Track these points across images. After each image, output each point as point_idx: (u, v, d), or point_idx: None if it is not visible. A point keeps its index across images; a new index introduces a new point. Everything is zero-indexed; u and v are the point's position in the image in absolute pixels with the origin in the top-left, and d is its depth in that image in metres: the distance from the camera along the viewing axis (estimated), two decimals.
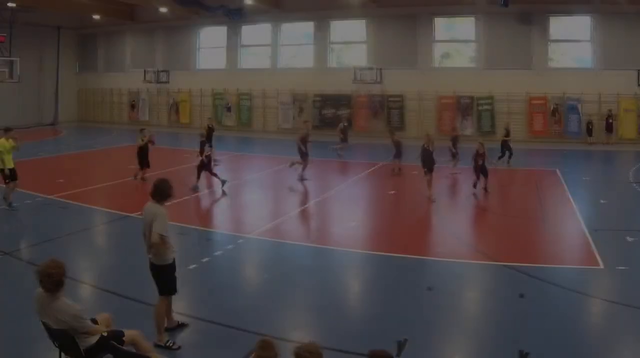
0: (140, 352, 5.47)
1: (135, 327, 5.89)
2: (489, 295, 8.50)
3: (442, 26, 30.54)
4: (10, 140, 13.20)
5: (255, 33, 32.23)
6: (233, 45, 32.75)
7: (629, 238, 10.99)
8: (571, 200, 14.96)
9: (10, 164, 13.13)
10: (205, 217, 13.39)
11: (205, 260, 9.54)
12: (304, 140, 17.53)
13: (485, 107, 29.14)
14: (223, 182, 15.46)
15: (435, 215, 12.99)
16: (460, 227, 12.02)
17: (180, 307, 7.40)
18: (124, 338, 5.42)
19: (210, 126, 20.55)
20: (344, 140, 22.81)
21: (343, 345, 6.38)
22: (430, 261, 9.98)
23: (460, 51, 30.91)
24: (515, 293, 8.22)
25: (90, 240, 11.39)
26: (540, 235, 11.82)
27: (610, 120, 28.42)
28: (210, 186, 16.49)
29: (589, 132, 28.41)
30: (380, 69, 29.53)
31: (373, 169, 19.88)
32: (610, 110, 28.33)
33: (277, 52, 31.66)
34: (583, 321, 7.52)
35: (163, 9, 30.70)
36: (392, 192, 16.07)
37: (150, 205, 6.49)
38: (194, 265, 9.11)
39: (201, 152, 15.48)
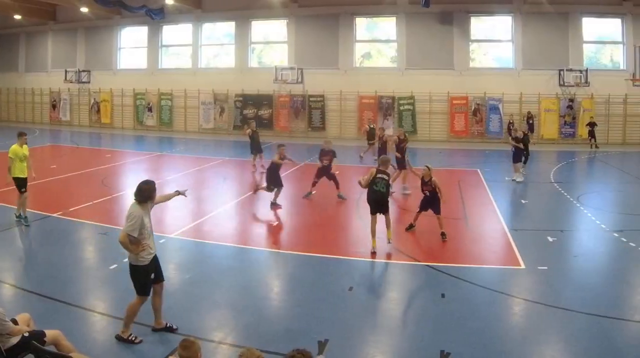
0: (61, 352, 5.32)
1: (57, 326, 5.81)
2: (410, 295, 8.35)
3: (364, 26, 29.72)
4: (25, 146, 11.50)
5: (176, 33, 31.14)
6: (154, 45, 31.56)
7: (549, 238, 10.84)
8: (492, 200, 14.57)
9: (24, 173, 11.39)
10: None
11: (126, 260, 8.75)
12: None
13: (407, 107, 28.31)
14: (308, 194, 14.13)
15: (356, 215, 12.58)
16: (382, 226, 11.39)
17: (101, 307, 7.37)
18: (45, 339, 5.35)
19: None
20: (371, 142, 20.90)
21: (264, 345, 6.17)
22: (352, 261, 9.67)
23: (382, 51, 29.97)
24: (436, 293, 8.08)
25: (10, 240, 10.93)
26: (461, 235, 11.47)
27: (531, 121, 27.65)
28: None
29: (510, 132, 27.97)
30: (302, 69, 28.62)
31: (294, 169, 19.07)
32: (529, 112, 27.59)
33: (199, 52, 30.55)
34: (504, 321, 7.36)
35: (84, 9, 29.38)
36: (313, 192, 15.36)
37: (131, 205, 6.41)
38: (114, 265, 8.93)
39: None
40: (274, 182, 13.62)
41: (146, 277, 6.42)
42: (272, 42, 30.22)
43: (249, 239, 11.08)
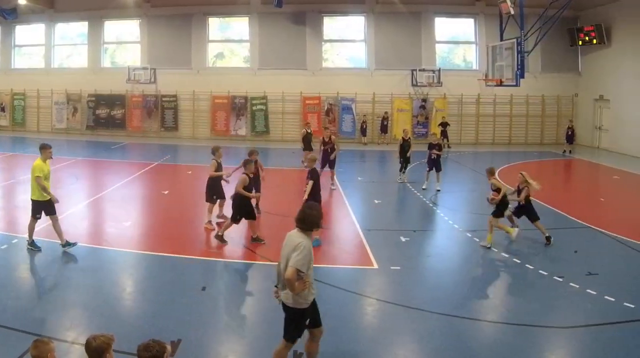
0: None
1: None
2: (263, 295, 7.96)
3: (216, 26, 28.19)
4: (48, 162, 9.59)
5: (29, 33, 29.45)
6: (7, 45, 29.63)
7: (402, 239, 10.65)
8: (345, 200, 14.20)
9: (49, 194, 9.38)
10: None
11: None
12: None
13: (259, 107, 26.84)
14: None
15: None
16: (234, 226, 10.89)
17: None
18: None
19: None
20: (306, 148, 19.03)
21: (116, 345, 5.32)
22: (205, 261, 9.43)
23: (235, 51, 28.47)
24: None
25: None
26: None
27: (386, 122, 26.60)
28: None
29: (363, 131, 26.67)
30: (154, 69, 27.06)
31: (147, 169, 18.70)
32: (386, 112, 26.76)
33: (52, 52, 28.92)
34: (357, 321, 7.16)
35: None
36: (166, 192, 15.11)
37: (294, 234, 5.23)
38: None
39: None
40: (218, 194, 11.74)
41: (302, 321, 5.33)
42: (125, 42, 28.61)
43: (102, 239, 10.58)
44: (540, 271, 8.95)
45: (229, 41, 28.76)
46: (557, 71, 27.49)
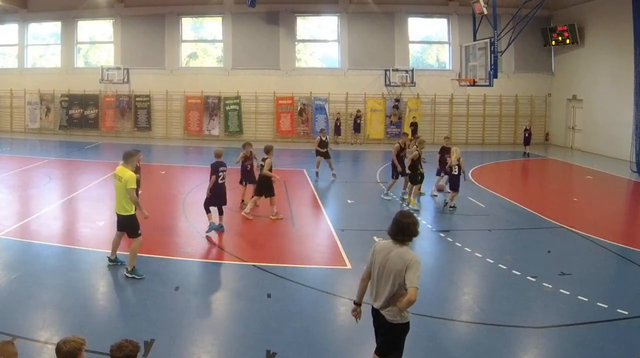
0: None
1: None
2: (236, 295, 7.85)
3: (190, 26, 27.40)
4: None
5: (2, 33, 28.56)
6: None
7: (376, 238, 10.02)
8: (319, 200, 13.95)
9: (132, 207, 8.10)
10: None
11: None
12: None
13: (233, 107, 26.03)
14: None
15: (182, 215, 11.98)
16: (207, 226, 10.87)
17: None
18: None
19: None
20: (322, 154, 16.70)
21: (90, 345, 5.74)
22: (178, 261, 9.21)
23: (208, 51, 27.64)
24: (263, 293, 7.71)
25: None
26: (288, 235, 10.89)
27: (359, 121, 25.84)
28: None
29: (337, 131, 26.04)
30: (128, 69, 26.25)
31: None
32: (358, 111, 26.04)
33: (25, 52, 28.05)
34: (330, 320, 7.01)
35: None
36: (139, 192, 15.13)
37: (392, 247, 4.63)
38: None
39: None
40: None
41: (406, 334, 4.83)
42: (98, 42, 27.76)
43: (75, 239, 10.28)
44: (514, 271, 8.78)
45: (202, 41, 28.11)
46: (531, 71, 26.92)
